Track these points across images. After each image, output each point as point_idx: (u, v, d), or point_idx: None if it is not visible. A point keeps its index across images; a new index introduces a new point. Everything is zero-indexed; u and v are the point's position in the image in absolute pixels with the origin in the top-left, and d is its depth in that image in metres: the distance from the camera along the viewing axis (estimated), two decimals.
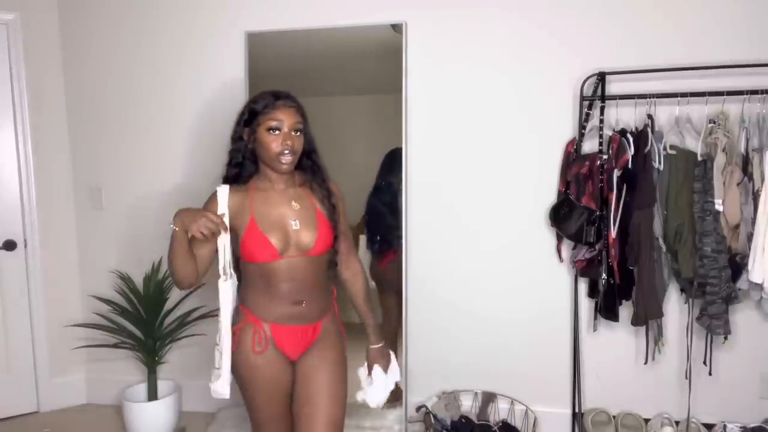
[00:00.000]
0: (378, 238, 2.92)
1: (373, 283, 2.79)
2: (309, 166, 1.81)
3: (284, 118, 1.68)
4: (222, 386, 1.76)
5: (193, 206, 1.72)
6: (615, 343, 2.73)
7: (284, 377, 1.77)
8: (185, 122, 3.09)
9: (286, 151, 1.67)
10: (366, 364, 1.93)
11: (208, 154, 3.06)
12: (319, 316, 1.79)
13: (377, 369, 1.90)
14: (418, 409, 2.75)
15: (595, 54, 2.63)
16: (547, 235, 2.75)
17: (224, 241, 1.73)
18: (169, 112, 3.11)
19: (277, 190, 1.76)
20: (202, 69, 3.04)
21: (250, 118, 1.72)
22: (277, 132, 1.67)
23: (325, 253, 1.78)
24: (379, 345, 1.92)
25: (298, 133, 1.71)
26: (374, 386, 1.89)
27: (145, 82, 3.12)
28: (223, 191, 1.74)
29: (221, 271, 1.76)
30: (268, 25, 2.92)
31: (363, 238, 2.89)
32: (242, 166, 1.76)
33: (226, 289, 1.77)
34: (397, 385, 1.96)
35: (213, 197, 1.74)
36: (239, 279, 1.81)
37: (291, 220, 1.72)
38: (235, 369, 1.76)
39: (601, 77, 2.55)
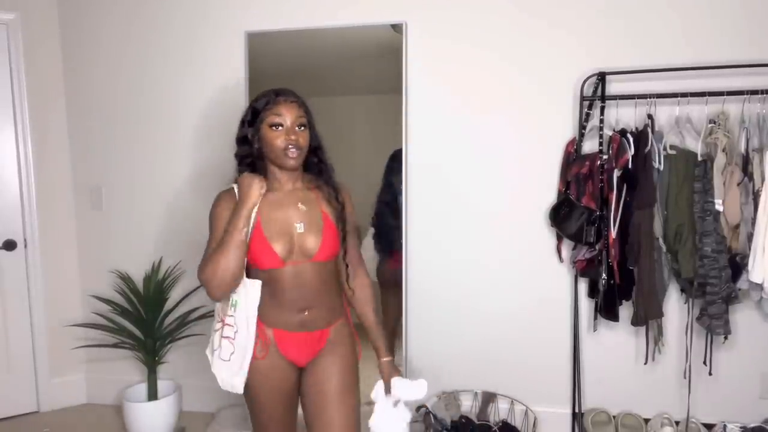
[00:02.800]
0: (385, 238, 2.91)
1: (375, 279, 2.79)
2: (315, 163, 1.76)
3: (286, 113, 1.64)
4: (240, 382, 1.69)
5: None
6: (615, 344, 2.73)
7: (287, 384, 1.74)
8: (185, 122, 3.09)
9: (291, 146, 1.63)
10: (379, 382, 1.84)
11: (208, 154, 3.07)
12: (327, 323, 1.74)
13: (401, 383, 1.80)
14: (418, 408, 2.75)
15: (595, 54, 2.63)
16: (547, 235, 2.75)
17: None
18: (169, 112, 3.11)
19: (285, 191, 1.71)
20: (202, 69, 3.04)
21: (252, 117, 1.68)
22: (280, 128, 1.64)
23: (333, 259, 1.74)
24: (391, 358, 1.85)
25: (303, 128, 1.67)
26: (387, 414, 1.79)
27: (146, 81, 3.12)
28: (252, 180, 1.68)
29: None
30: (268, 25, 2.92)
31: (370, 240, 2.89)
32: (254, 167, 1.71)
33: (256, 285, 1.67)
34: None
35: (230, 192, 1.71)
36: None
37: (296, 223, 1.68)
38: None
39: (601, 77, 2.55)
